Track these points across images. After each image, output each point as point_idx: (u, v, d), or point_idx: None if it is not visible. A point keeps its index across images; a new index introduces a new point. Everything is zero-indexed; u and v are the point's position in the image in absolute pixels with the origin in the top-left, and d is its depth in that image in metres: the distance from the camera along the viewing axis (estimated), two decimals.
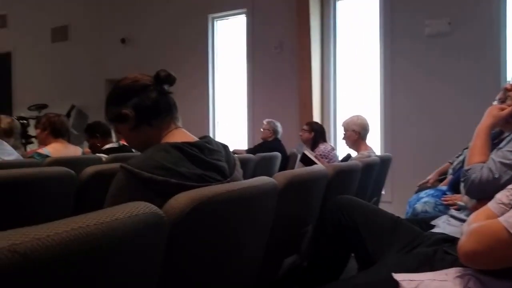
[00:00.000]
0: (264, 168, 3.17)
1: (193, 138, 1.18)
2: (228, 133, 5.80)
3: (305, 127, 3.97)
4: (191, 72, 5.72)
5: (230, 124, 5.85)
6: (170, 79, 1.19)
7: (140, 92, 1.15)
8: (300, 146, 3.98)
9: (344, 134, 3.11)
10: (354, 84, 4.90)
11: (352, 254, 1.79)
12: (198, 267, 0.93)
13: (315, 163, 3.13)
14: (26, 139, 6.06)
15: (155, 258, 0.76)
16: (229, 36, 5.81)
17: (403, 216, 1.83)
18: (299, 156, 3.62)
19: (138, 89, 1.16)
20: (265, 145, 4.21)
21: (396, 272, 1.11)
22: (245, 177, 1.28)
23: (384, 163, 2.87)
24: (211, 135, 5.91)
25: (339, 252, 1.69)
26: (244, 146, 5.03)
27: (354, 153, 3.12)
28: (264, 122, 4.47)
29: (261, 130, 4.46)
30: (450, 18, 4.10)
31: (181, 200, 0.86)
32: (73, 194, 1.76)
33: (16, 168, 2.09)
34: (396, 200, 4.09)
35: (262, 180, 1.14)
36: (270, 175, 1.30)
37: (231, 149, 1.28)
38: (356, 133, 3.03)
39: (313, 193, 1.64)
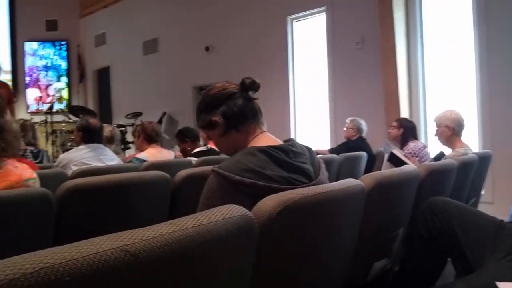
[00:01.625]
0: (348, 168, 3.11)
1: (277, 141, 1.21)
2: (310, 133, 5.78)
3: (394, 123, 3.79)
4: (272, 75, 5.80)
5: (312, 124, 5.82)
6: (254, 86, 1.23)
7: (228, 100, 1.21)
8: (387, 145, 3.81)
9: (437, 130, 2.92)
10: (446, 77, 4.58)
11: (449, 259, 1.68)
12: (286, 270, 0.95)
13: (405, 163, 2.99)
14: (124, 145, 6.65)
15: (247, 260, 0.80)
16: (308, 36, 5.79)
17: (506, 219, 1.67)
18: (386, 156, 3.48)
19: (225, 97, 1.22)
20: (349, 145, 4.11)
21: (499, 280, 1.03)
22: (329, 178, 1.27)
23: (483, 160, 2.65)
24: (293, 135, 5.92)
25: (433, 257, 1.60)
26: (327, 146, 4.97)
27: (448, 151, 2.92)
28: (347, 120, 4.37)
29: (344, 129, 4.37)
30: None
31: (269, 203, 0.88)
32: (169, 195, 1.90)
33: (118, 173, 2.31)
34: (498, 201, 3.73)
35: (349, 182, 1.13)
36: (355, 175, 1.28)
37: (313, 149, 1.28)
38: (450, 129, 2.84)
39: (404, 195, 1.57)
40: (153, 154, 3.14)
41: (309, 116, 5.85)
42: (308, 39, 5.78)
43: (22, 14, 9.08)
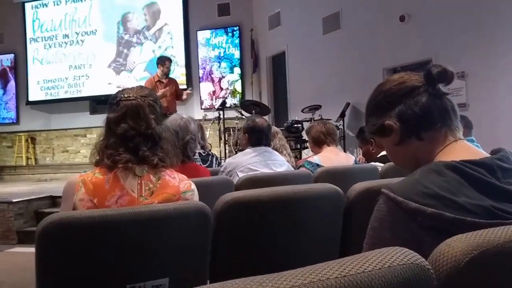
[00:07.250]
0: None
1: (479, 153, 1.08)
2: None
3: None
4: (494, 46, 5.23)
5: None
6: (446, 76, 1.12)
7: (407, 97, 1.14)
8: None
9: None
10: None
11: None
12: None
13: None
14: (300, 144, 6.94)
15: None
16: None
17: None
18: None
19: (403, 94, 1.14)
20: None
21: None
22: None
23: None
24: None
25: None
26: None
27: None
28: None
29: None
30: None
31: (456, 245, 0.79)
32: (341, 213, 1.91)
33: (286, 182, 2.42)
34: None
35: None
36: None
37: None
38: None
39: None
40: (328, 157, 3.19)
41: None
42: None
43: (195, 1, 10.42)
